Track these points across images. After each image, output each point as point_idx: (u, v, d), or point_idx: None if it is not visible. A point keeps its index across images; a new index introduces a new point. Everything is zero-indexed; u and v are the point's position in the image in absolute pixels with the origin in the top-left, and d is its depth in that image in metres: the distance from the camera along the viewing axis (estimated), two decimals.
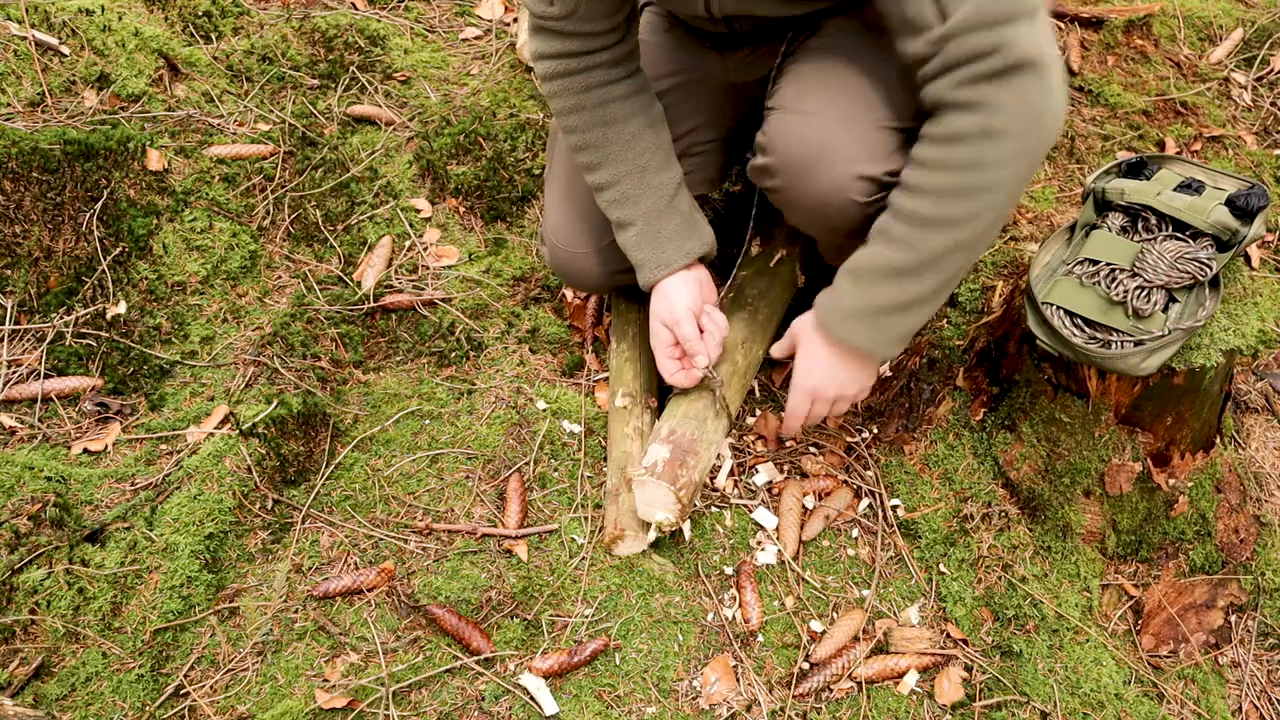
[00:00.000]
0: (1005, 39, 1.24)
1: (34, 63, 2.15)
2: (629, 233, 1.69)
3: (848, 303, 1.44)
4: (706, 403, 1.73)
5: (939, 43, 1.28)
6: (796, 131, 1.52)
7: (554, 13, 1.55)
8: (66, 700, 1.51)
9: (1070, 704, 1.65)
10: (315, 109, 2.44)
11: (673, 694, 1.59)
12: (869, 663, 1.65)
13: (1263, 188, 1.72)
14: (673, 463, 1.64)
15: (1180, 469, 1.77)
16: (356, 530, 1.75)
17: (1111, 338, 1.58)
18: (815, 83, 1.56)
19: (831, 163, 1.47)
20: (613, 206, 1.70)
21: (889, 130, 1.49)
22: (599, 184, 1.69)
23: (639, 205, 1.67)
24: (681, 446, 1.67)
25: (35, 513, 1.63)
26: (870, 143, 1.47)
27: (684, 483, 1.63)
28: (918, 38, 1.30)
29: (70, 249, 1.98)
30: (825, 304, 1.49)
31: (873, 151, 1.47)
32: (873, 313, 1.43)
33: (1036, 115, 1.28)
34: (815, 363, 1.53)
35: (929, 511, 1.83)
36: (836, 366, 1.53)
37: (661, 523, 1.66)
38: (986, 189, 1.32)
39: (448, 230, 2.29)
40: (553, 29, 1.58)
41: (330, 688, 1.55)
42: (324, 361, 2.00)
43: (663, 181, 1.68)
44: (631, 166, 1.67)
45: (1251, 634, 1.80)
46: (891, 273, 1.39)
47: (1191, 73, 2.88)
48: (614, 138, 1.65)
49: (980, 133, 1.29)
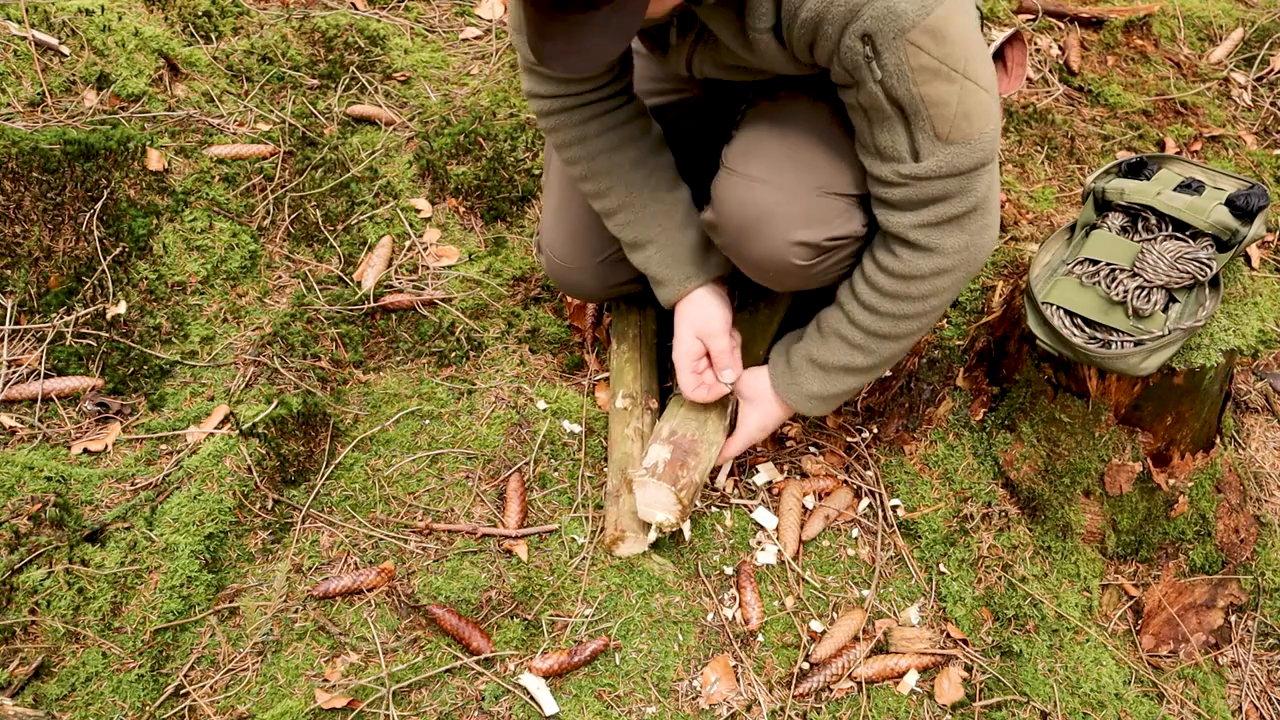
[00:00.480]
0: (967, 187, 1.39)
1: (34, 63, 2.15)
2: (647, 251, 1.69)
3: (813, 388, 1.66)
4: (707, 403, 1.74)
5: (909, 179, 1.39)
6: (738, 195, 1.56)
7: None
8: (66, 700, 1.51)
9: (1070, 704, 1.65)
10: (315, 109, 2.44)
11: (673, 694, 1.59)
12: (869, 663, 1.65)
13: (1263, 188, 1.72)
14: (673, 464, 1.64)
15: (1180, 469, 1.77)
16: (356, 530, 1.75)
17: (1111, 338, 1.58)
18: (764, 145, 1.58)
19: (770, 228, 1.53)
20: (626, 229, 1.69)
21: (833, 196, 1.52)
22: (609, 209, 1.69)
23: (655, 224, 1.68)
24: (682, 447, 1.67)
25: (35, 513, 1.63)
26: (811, 209, 1.52)
27: (684, 483, 1.64)
28: (886, 164, 1.40)
29: (70, 249, 1.98)
30: (789, 385, 1.68)
31: (812, 218, 1.52)
32: (830, 396, 1.67)
33: (980, 251, 1.47)
34: (767, 421, 1.74)
35: (929, 511, 1.83)
36: (777, 420, 1.75)
37: (662, 523, 1.66)
38: (935, 310, 1.53)
39: (448, 230, 2.30)
40: (546, 74, 1.57)
41: (330, 688, 1.55)
42: (324, 361, 2.00)
43: (676, 199, 1.69)
44: (642, 188, 1.67)
45: (1251, 634, 1.80)
46: (850, 370, 1.62)
47: (1191, 73, 2.88)
48: (620, 162, 1.65)
49: (934, 272, 1.46)
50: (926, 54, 1.26)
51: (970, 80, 1.31)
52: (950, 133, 1.33)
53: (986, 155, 1.38)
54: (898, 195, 1.42)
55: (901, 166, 1.38)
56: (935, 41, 1.26)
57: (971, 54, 1.31)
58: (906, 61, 1.26)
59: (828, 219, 1.52)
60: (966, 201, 1.40)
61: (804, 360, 1.65)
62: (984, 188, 1.41)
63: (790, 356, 1.68)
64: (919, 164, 1.37)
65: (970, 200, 1.41)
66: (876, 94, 1.31)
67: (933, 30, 1.25)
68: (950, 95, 1.30)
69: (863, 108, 1.36)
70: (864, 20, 1.24)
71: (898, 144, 1.36)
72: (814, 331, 1.65)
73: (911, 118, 1.33)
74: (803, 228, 1.51)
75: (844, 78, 1.34)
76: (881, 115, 1.35)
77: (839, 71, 1.34)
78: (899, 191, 1.41)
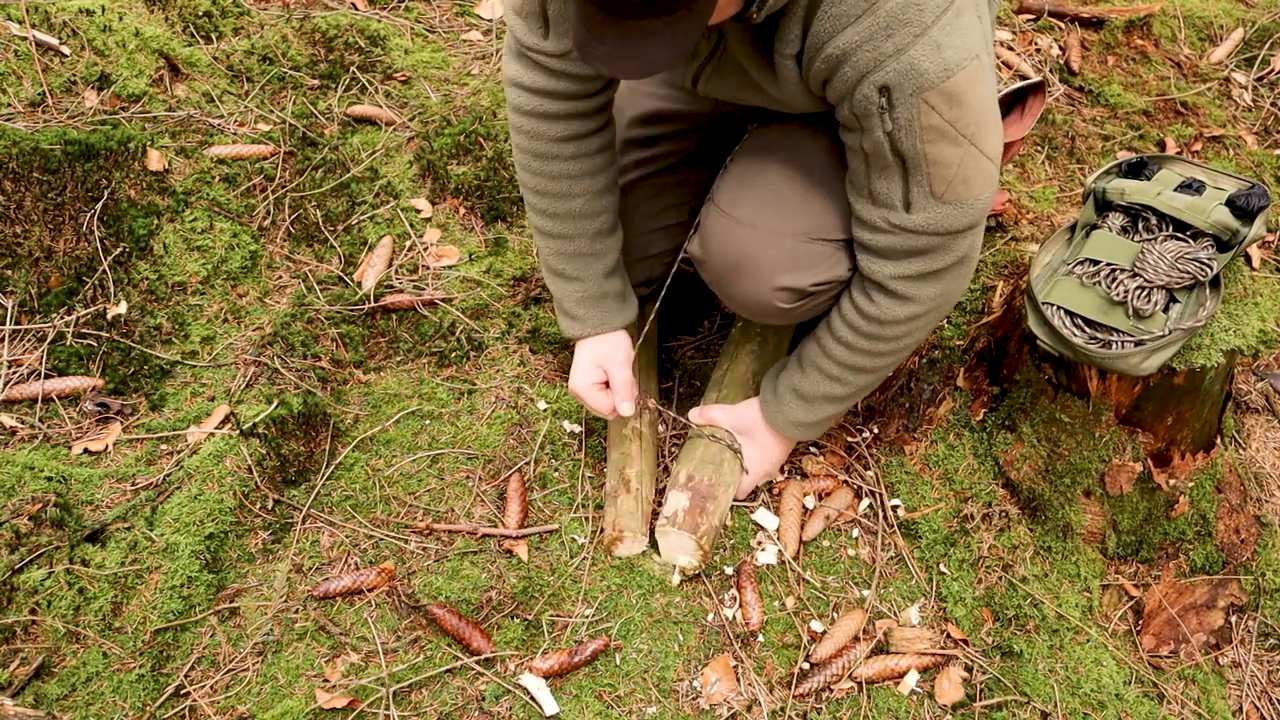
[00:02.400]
0: (952, 245, 1.41)
1: (34, 63, 2.15)
2: (569, 286, 1.70)
3: (797, 416, 1.72)
4: (721, 446, 1.77)
5: (896, 229, 1.40)
6: (724, 237, 1.57)
7: (547, 48, 1.49)
8: (67, 700, 1.51)
9: (1070, 704, 1.65)
10: (315, 109, 2.44)
11: (673, 694, 1.59)
12: (869, 663, 1.65)
13: (1263, 188, 1.72)
14: (693, 510, 1.69)
15: (1181, 469, 1.77)
16: (357, 530, 1.75)
17: (1112, 338, 1.58)
18: (756, 185, 1.58)
19: (755, 272, 1.55)
20: (555, 256, 1.69)
21: (820, 242, 1.53)
22: (551, 232, 1.67)
23: (586, 265, 1.69)
24: (700, 493, 1.71)
25: (36, 513, 1.63)
26: (796, 255, 1.53)
27: (705, 529, 1.69)
28: (877, 208, 1.41)
29: (71, 249, 1.98)
30: (776, 414, 1.74)
31: (798, 264, 1.53)
32: (813, 423, 1.73)
33: (953, 296, 1.50)
34: (768, 452, 1.81)
35: (929, 511, 1.83)
36: (779, 451, 1.83)
37: (684, 567, 1.72)
38: (908, 347, 1.58)
39: (448, 230, 2.29)
40: (541, 64, 1.52)
41: (330, 688, 1.55)
42: (324, 361, 2.00)
43: (610, 245, 1.71)
44: (586, 225, 1.66)
45: (1252, 634, 1.80)
46: (830, 399, 1.67)
47: (1192, 73, 2.88)
48: (579, 192, 1.63)
49: (909, 318, 1.50)
50: (939, 115, 1.26)
51: (976, 147, 1.31)
52: (946, 193, 1.34)
53: (977, 219, 1.39)
54: (883, 242, 1.43)
55: (892, 215, 1.39)
56: (949, 104, 1.26)
57: (983, 122, 1.31)
58: (918, 119, 1.26)
59: (813, 264, 1.53)
60: (948, 258, 1.42)
61: (788, 390, 1.71)
62: (967, 246, 1.43)
63: (776, 386, 1.74)
64: (910, 215, 1.37)
65: (952, 257, 1.42)
66: (881, 143, 1.31)
67: (949, 94, 1.25)
68: (953, 158, 1.31)
69: (864, 152, 1.36)
70: (886, 72, 1.23)
71: (892, 192, 1.37)
72: (795, 363, 1.70)
73: (911, 171, 1.33)
74: (787, 273, 1.53)
75: (851, 121, 1.33)
76: (882, 163, 1.34)
77: (847, 114, 1.33)
78: (884, 239, 1.42)
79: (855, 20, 1.21)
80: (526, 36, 1.49)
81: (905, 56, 1.21)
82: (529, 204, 1.68)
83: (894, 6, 1.20)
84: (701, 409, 1.85)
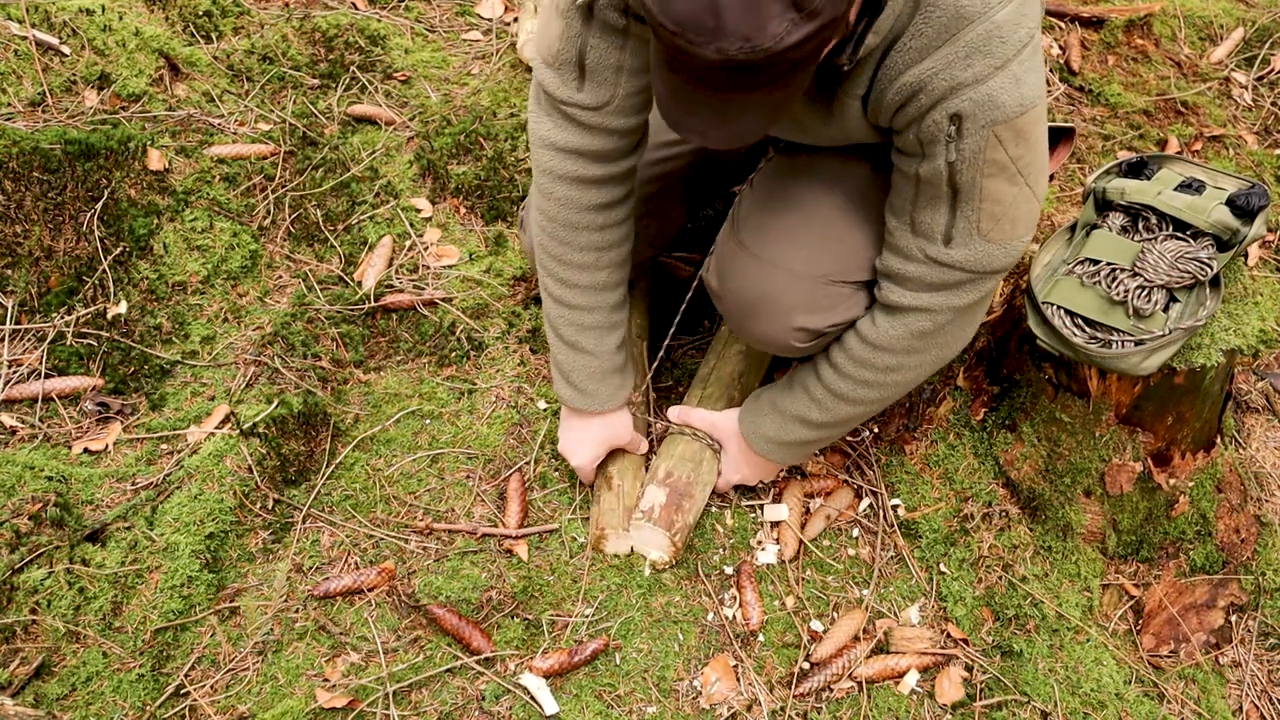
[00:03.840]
0: (979, 284, 1.38)
1: (34, 62, 2.15)
2: (584, 360, 1.64)
3: (768, 431, 1.67)
4: (701, 444, 1.78)
5: (930, 261, 1.36)
6: (743, 275, 1.54)
7: (583, 100, 1.39)
8: (67, 700, 1.51)
9: (1070, 704, 1.65)
10: (315, 109, 2.44)
11: (673, 694, 1.59)
12: (869, 662, 1.65)
13: (1263, 187, 1.72)
14: (669, 508, 1.70)
15: (1181, 469, 1.77)
16: (357, 530, 1.75)
17: (1112, 337, 1.58)
18: (777, 217, 1.54)
19: (773, 312, 1.52)
20: (574, 329, 1.62)
21: (838, 284, 1.49)
22: (569, 302, 1.60)
23: (605, 340, 1.64)
24: (678, 490, 1.72)
25: (36, 512, 1.63)
26: (815, 298, 1.49)
27: (679, 527, 1.70)
28: (915, 238, 1.37)
29: (71, 249, 1.98)
30: (750, 424, 1.71)
31: (815, 306, 1.50)
32: (785, 443, 1.67)
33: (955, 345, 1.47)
34: (739, 462, 1.77)
35: (929, 511, 1.83)
36: (754, 467, 1.78)
37: (655, 561, 1.72)
38: (894, 385, 1.52)
39: (448, 230, 2.29)
40: (576, 119, 1.42)
41: (330, 687, 1.55)
42: (324, 361, 2.00)
43: (621, 319, 1.67)
44: (609, 298, 1.62)
45: (1252, 634, 1.80)
46: (806, 422, 1.62)
47: (1192, 72, 2.88)
48: (605, 264, 1.58)
49: (904, 350, 1.46)
50: (1004, 150, 1.23)
51: (1030, 187, 1.29)
52: (993, 231, 1.31)
53: (1011, 262, 1.36)
54: (912, 271, 1.39)
55: (929, 247, 1.35)
56: (1017, 141, 1.23)
57: (1040, 164, 1.29)
58: (984, 151, 1.23)
59: (833, 306, 1.50)
60: (972, 295, 1.39)
61: (768, 402, 1.68)
62: (989, 288, 1.40)
63: (760, 396, 1.72)
64: (948, 250, 1.34)
65: (975, 295, 1.39)
66: (940, 171, 1.27)
67: (1020, 130, 1.22)
68: (1008, 196, 1.28)
69: (917, 178, 1.31)
70: (961, 100, 1.20)
71: (935, 224, 1.33)
72: (785, 379, 1.68)
73: (962, 205, 1.29)
74: (805, 314, 1.50)
75: (913, 147, 1.29)
76: (933, 192, 1.31)
77: (910, 140, 1.28)
78: (914, 268, 1.38)
79: (935, 50, 1.18)
80: (560, 90, 1.40)
81: (984, 87, 1.18)
82: (546, 270, 1.59)
83: (975, 37, 1.16)
84: (681, 410, 1.82)
